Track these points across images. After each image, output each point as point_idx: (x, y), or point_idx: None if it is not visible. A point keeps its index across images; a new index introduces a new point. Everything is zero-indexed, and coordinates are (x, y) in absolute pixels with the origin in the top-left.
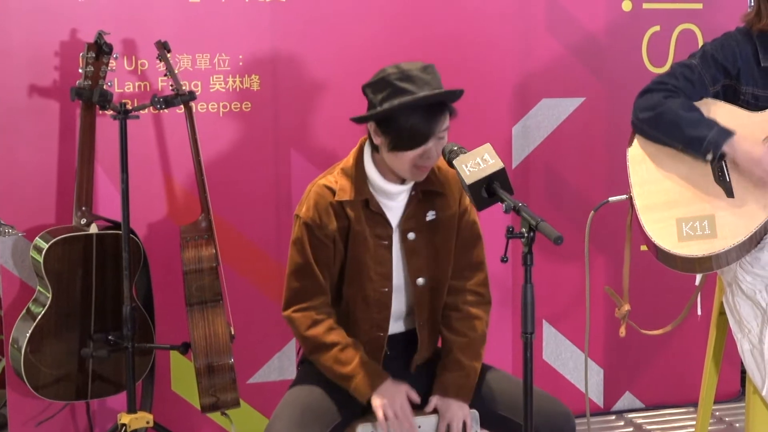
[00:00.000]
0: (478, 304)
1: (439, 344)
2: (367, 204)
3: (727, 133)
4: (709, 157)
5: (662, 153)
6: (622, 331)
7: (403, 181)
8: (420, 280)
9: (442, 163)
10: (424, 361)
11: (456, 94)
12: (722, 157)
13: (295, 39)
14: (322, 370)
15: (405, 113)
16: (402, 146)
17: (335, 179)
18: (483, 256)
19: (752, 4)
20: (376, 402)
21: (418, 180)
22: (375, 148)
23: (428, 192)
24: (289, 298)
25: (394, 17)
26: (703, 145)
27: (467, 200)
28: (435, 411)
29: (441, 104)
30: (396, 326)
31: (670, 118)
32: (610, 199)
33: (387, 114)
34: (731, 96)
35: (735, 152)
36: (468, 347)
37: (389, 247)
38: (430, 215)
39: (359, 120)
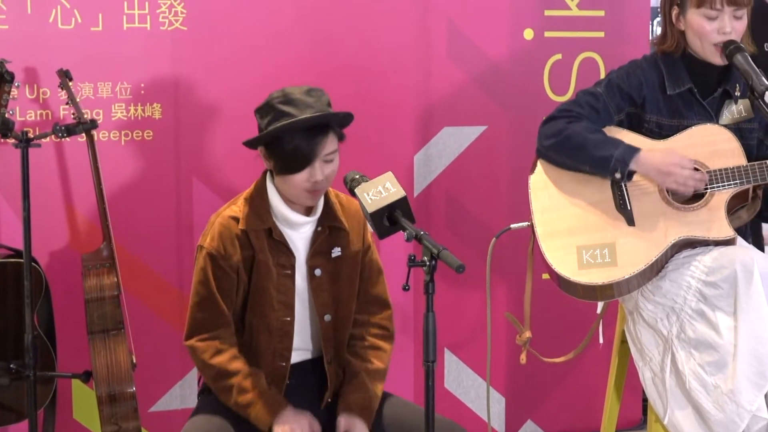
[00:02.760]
0: (383, 337)
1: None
2: (271, 233)
3: (633, 150)
4: (618, 175)
5: (565, 180)
6: (523, 358)
7: (307, 212)
8: (327, 317)
9: (347, 200)
10: (334, 397)
11: (339, 117)
12: (630, 175)
13: (196, 68)
14: (223, 399)
15: (288, 136)
16: (287, 169)
17: (239, 208)
18: (387, 291)
19: (654, 34)
20: (278, 429)
21: (311, 204)
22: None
23: (334, 228)
24: (192, 328)
25: (296, 46)
26: (611, 164)
27: (370, 237)
28: None
29: (324, 126)
30: (302, 354)
31: (576, 140)
32: (512, 226)
33: (272, 137)
34: (635, 124)
35: (643, 167)
36: (373, 373)
37: (292, 277)
38: (336, 252)
39: (249, 144)
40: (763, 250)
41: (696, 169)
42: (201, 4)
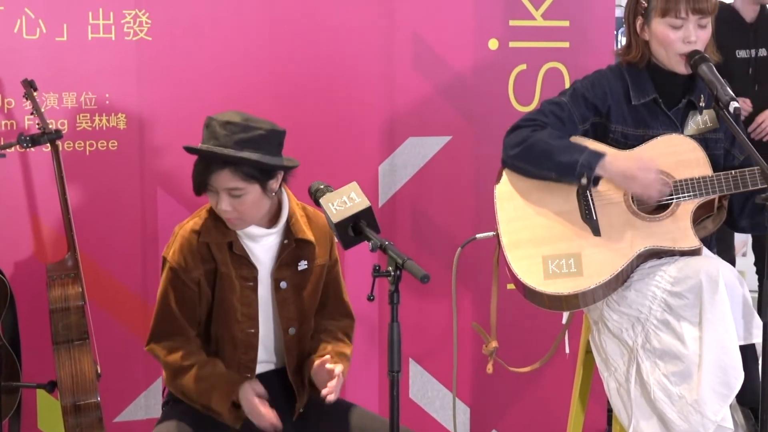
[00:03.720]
0: (345, 344)
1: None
2: (232, 246)
3: (598, 155)
4: (584, 181)
5: (531, 189)
6: (489, 368)
7: (268, 225)
8: (291, 330)
9: (315, 213)
10: (305, 407)
11: (229, 158)
12: (596, 180)
13: (161, 78)
14: (185, 393)
15: (197, 159)
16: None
17: (201, 221)
18: (349, 306)
19: (618, 44)
20: (245, 404)
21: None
22: None
23: (300, 241)
24: (151, 335)
25: (259, 55)
26: (577, 169)
27: (336, 251)
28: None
29: (217, 160)
30: (266, 366)
31: (541, 147)
32: (477, 236)
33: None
34: (600, 134)
35: (609, 172)
36: (340, 352)
37: (255, 289)
38: (302, 265)
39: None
40: (734, 261)
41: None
42: (166, 15)
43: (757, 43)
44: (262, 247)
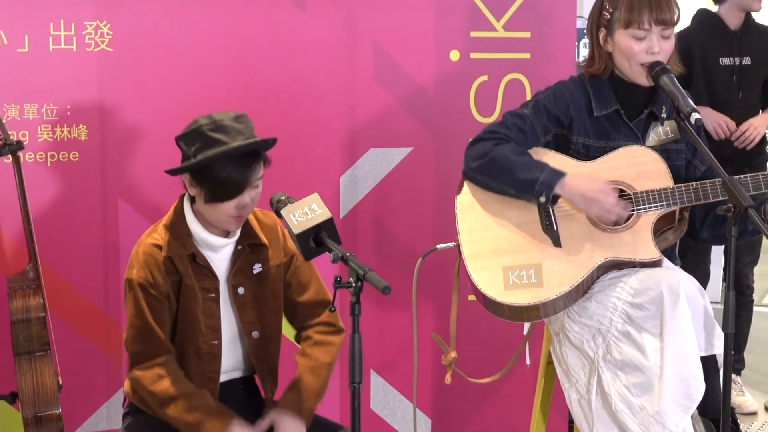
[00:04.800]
0: (330, 333)
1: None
2: (194, 258)
3: (558, 174)
4: (543, 199)
5: (492, 200)
6: (448, 378)
7: (226, 234)
8: (255, 333)
9: (263, 213)
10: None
11: (269, 143)
12: (555, 199)
13: (122, 89)
14: (172, 423)
15: (219, 164)
16: (218, 197)
17: (160, 236)
18: (326, 291)
19: (579, 56)
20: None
21: (234, 230)
22: (193, 199)
23: (253, 245)
24: (133, 360)
25: (222, 66)
26: (536, 188)
27: (292, 246)
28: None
29: (255, 153)
30: (232, 374)
31: (502, 163)
32: (438, 246)
33: (202, 165)
34: (562, 145)
35: (568, 192)
36: (314, 370)
37: (217, 300)
38: (257, 268)
39: (174, 172)
40: (708, 273)
41: (621, 192)
42: (127, 26)
43: (741, 50)
44: (221, 256)
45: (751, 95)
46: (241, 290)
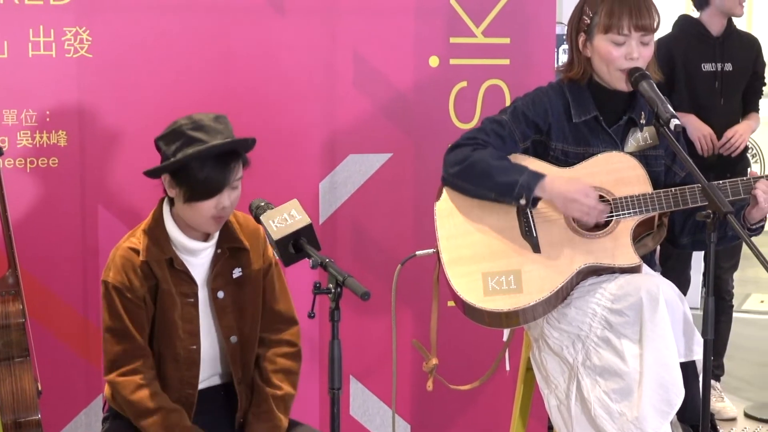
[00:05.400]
0: (293, 356)
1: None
2: (172, 263)
3: (538, 176)
4: (523, 201)
5: (471, 206)
6: (429, 385)
7: (205, 238)
8: (233, 338)
9: (244, 218)
10: (244, 417)
11: (248, 143)
12: (536, 201)
13: (101, 95)
14: None
15: (198, 163)
16: (197, 197)
17: (138, 240)
18: (293, 307)
19: (558, 62)
20: None
21: (214, 231)
22: (172, 203)
23: (233, 249)
24: (110, 363)
25: (201, 72)
26: (515, 190)
27: (271, 253)
28: None
29: (234, 153)
30: (212, 381)
31: (481, 167)
32: (417, 253)
33: (181, 164)
34: (541, 152)
35: (548, 194)
36: (281, 401)
37: (195, 305)
38: (237, 272)
39: (153, 173)
40: (689, 279)
41: (601, 197)
42: (107, 32)
43: (723, 57)
44: (200, 260)
45: (732, 101)
46: (220, 294)
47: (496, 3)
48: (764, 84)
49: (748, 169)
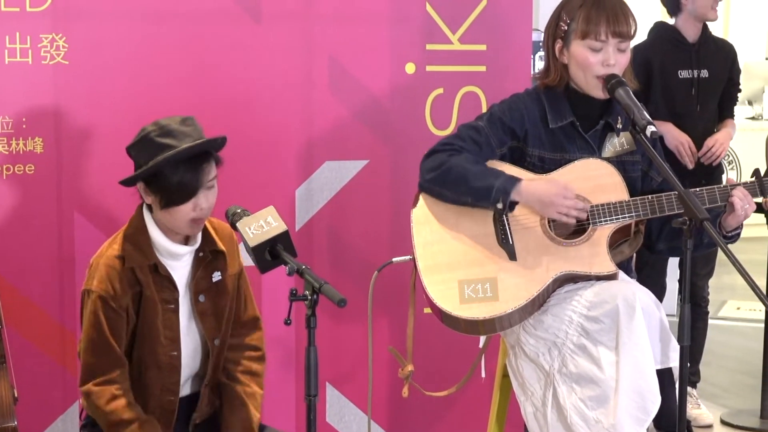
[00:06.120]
0: (258, 359)
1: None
2: (156, 268)
3: (514, 180)
4: (500, 206)
5: (447, 214)
6: (405, 392)
7: (186, 241)
8: (216, 341)
9: (218, 223)
10: (204, 419)
11: (218, 142)
12: (512, 206)
13: (78, 102)
14: None
15: (170, 168)
16: (174, 202)
17: (120, 247)
18: (257, 311)
19: (535, 69)
20: None
21: (194, 233)
22: (152, 209)
23: (214, 252)
24: (87, 373)
25: (177, 80)
26: (492, 195)
27: (241, 260)
28: None
29: (205, 154)
30: (193, 387)
31: (457, 172)
32: (394, 259)
33: (153, 171)
34: (518, 158)
35: (525, 197)
36: (252, 397)
37: (176, 311)
38: (216, 276)
39: (127, 182)
40: (665, 286)
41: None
42: (83, 39)
43: (699, 63)
44: (182, 264)
45: (709, 108)
46: (201, 298)
47: (472, 10)
48: (740, 91)
49: (723, 176)
